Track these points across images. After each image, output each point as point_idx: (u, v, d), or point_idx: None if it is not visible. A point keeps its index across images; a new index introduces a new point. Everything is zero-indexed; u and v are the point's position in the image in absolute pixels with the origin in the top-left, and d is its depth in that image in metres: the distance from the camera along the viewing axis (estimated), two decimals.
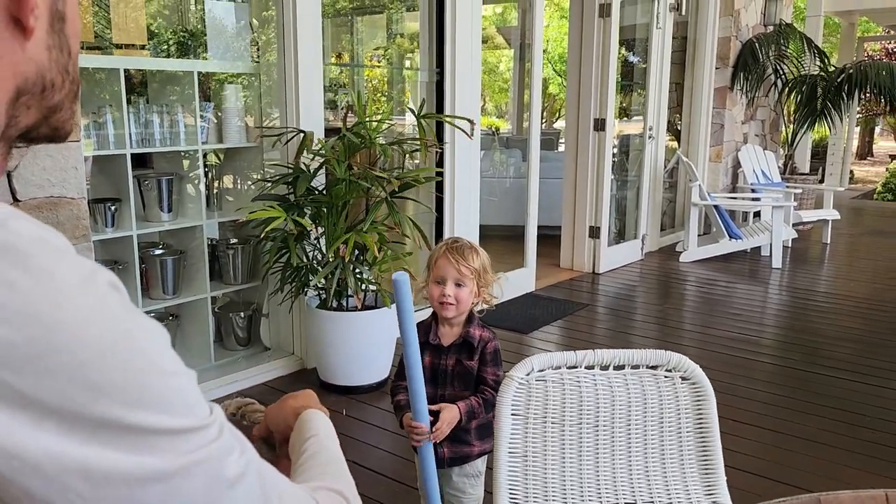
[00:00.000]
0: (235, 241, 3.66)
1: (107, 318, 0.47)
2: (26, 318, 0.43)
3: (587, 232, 5.68)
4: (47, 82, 0.59)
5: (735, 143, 7.27)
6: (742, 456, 2.79)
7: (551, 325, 4.43)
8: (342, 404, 3.23)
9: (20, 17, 0.54)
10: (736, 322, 4.53)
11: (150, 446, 0.46)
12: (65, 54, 0.60)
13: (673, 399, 1.30)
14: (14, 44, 0.55)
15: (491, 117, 15.19)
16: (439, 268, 1.76)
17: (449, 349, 1.79)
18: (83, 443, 0.44)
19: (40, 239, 0.47)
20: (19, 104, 0.57)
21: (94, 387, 0.44)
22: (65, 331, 0.44)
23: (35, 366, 0.43)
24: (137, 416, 0.46)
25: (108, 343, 0.46)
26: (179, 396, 0.49)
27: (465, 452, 1.79)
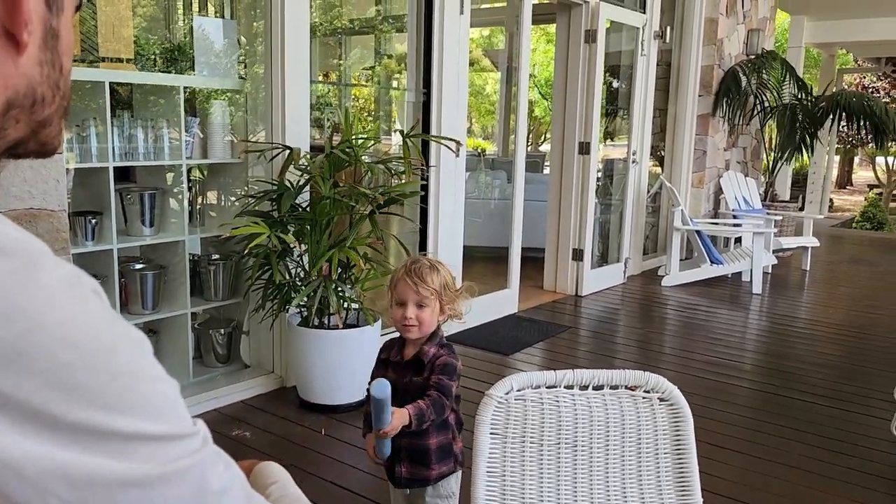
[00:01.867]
0: (217, 256, 3.64)
1: (90, 322, 0.47)
2: (11, 316, 0.43)
3: (570, 254, 5.70)
4: (38, 97, 0.59)
5: (717, 170, 7.36)
6: (720, 480, 2.79)
7: (534, 347, 4.43)
8: (321, 423, 3.20)
9: (14, 32, 0.55)
10: (716, 346, 4.56)
11: (131, 452, 0.46)
12: (56, 70, 0.60)
13: (651, 420, 1.31)
14: (6, 58, 0.56)
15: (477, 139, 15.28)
16: (399, 291, 1.77)
17: (406, 365, 1.81)
18: (63, 446, 0.44)
19: (24, 241, 0.47)
20: (8, 117, 0.58)
21: (75, 389, 0.44)
22: (49, 331, 0.44)
23: (17, 364, 0.43)
24: (118, 420, 0.45)
25: (91, 346, 0.46)
26: (161, 403, 0.49)
27: (423, 475, 1.78)
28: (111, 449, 0.45)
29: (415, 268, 1.77)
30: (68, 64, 0.62)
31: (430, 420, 1.70)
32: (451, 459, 1.79)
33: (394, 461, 1.81)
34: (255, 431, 3.13)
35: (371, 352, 3.41)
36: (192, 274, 3.53)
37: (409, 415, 1.68)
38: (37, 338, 0.43)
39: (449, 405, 1.70)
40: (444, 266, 1.83)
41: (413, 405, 1.71)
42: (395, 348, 1.86)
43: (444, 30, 4.12)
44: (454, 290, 1.81)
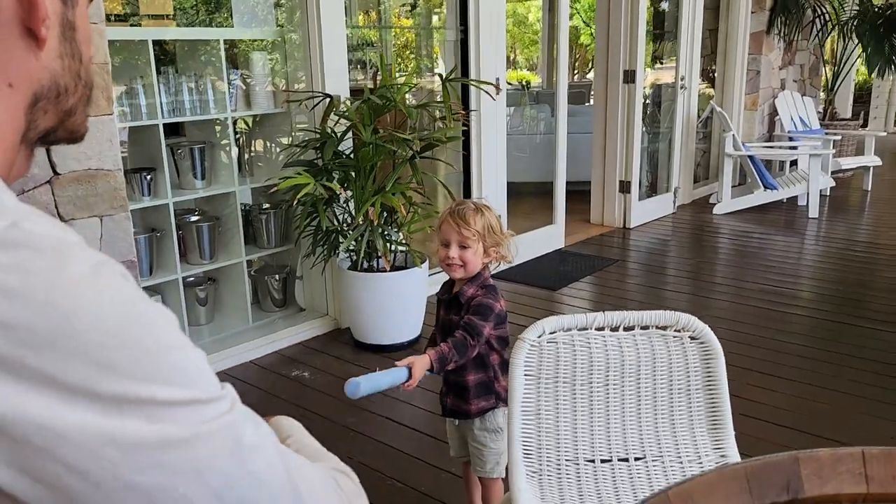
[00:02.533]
0: (268, 205, 3.74)
1: (117, 302, 0.51)
2: (45, 306, 0.48)
3: (617, 187, 5.64)
4: (61, 88, 0.63)
5: (772, 90, 7.09)
6: (771, 408, 2.81)
7: (581, 281, 4.46)
8: (375, 362, 3.32)
9: (32, 28, 0.59)
10: (770, 274, 4.50)
11: (166, 416, 0.51)
12: (76, 60, 0.64)
13: (682, 358, 1.34)
14: (29, 53, 0.59)
15: (521, 71, 14.97)
16: (443, 232, 1.84)
17: (449, 304, 1.88)
18: (106, 415, 0.49)
19: (52, 236, 0.52)
20: (37, 109, 0.62)
21: (109, 365, 0.49)
22: (80, 316, 0.49)
23: (55, 349, 0.48)
24: (150, 389, 0.51)
25: (119, 325, 0.51)
26: (189, 371, 0.54)
27: (463, 409, 1.86)
28: (147, 415, 0.50)
29: (459, 210, 1.83)
30: (88, 53, 0.66)
31: (453, 362, 1.74)
32: (491, 396, 1.86)
33: (442, 394, 1.93)
34: (313, 371, 3.28)
35: (419, 293, 3.52)
36: (245, 223, 3.64)
37: (430, 360, 1.73)
38: (70, 324, 0.49)
39: (474, 344, 1.73)
40: (489, 209, 1.88)
41: (435, 349, 1.76)
42: (444, 287, 1.95)
43: None
44: (499, 233, 1.86)
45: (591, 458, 1.33)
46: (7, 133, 0.60)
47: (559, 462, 1.33)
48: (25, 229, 0.51)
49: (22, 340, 0.48)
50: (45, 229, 0.52)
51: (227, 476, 0.54)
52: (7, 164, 0.62)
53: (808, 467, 0.60)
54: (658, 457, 1.32)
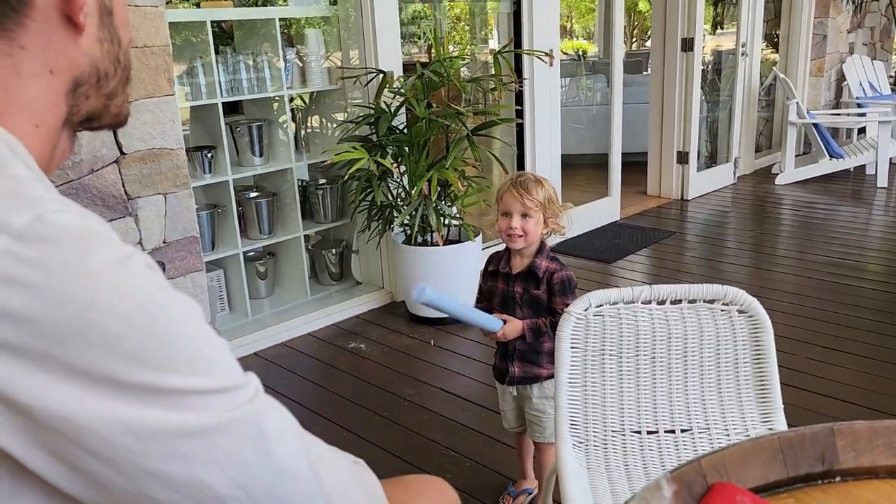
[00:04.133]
0: (324, 181, 3.82)
1: (139, 294, 0.52)
2: (64, 299, 0.49)
3: (675, 157, 5.53)
4: (101, 73, 0.65)
5: (839, 55, 6.81)
6: (833, 383, 2.76)
7: (637, 254, 4.41)
8: (429, 335, 3.38)
9: (71, 16, 0.61)
10: (836, 246, 4.37)
11: (187, 405, 0.52)
12: (115, 45, 0.66)
13: (730, 331, 1.34)
14: (68, 40, 0.62)
15: (578, 40, 14.70)
16: (505, 202, 1.86)
17: (517, 277, 1.90)
18: (127, 404, 0.50)
19: (76, 228, 0.52)
20: (78, 94, 0.64)
21: (129, 356, 0.50)
22: (99, 308, 0.50)
23: (76, 340, 0.49)
24: (171, 379, 0.51)
25: (140, 317, 0.51)
26: (210, 360, 0.54)
27: (534, 373, 1.90)
28: (168, 404, 0.51)
29: (521, 180, 1.86)
30: (126, 37, 0.68)
31: (544, 335, 1.83)
32: None
33: (507, 361, 1.95)
34: (370, 343, 3.36)
35: (473, 267, 3.54)
36: (302, 199, 3.73)
37: (523, 327, 1.82)
38: (90, 316, 0.50)
39: None
40: (548, 181, 1.92)
41: (531, 321, 1.84)
42: (502, 260, 1.96)
43: None
44: (557, 204, 1.90)
45: (638, 429, 1.35)
46: (49, 118, 0.62)
47: (605, 432, 1.36)
48: (49, 222, 0.51)
49: (45, 333, 0.49)
50: (70, 220, 0.53)
51: (249, 465, 0.54)
52: (49, 149, 0.64)
53: (843, 439, 0.60)
54: (704, 429, 1.33)
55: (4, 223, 0.50)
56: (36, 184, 0.56)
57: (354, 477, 0.65)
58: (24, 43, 0.59)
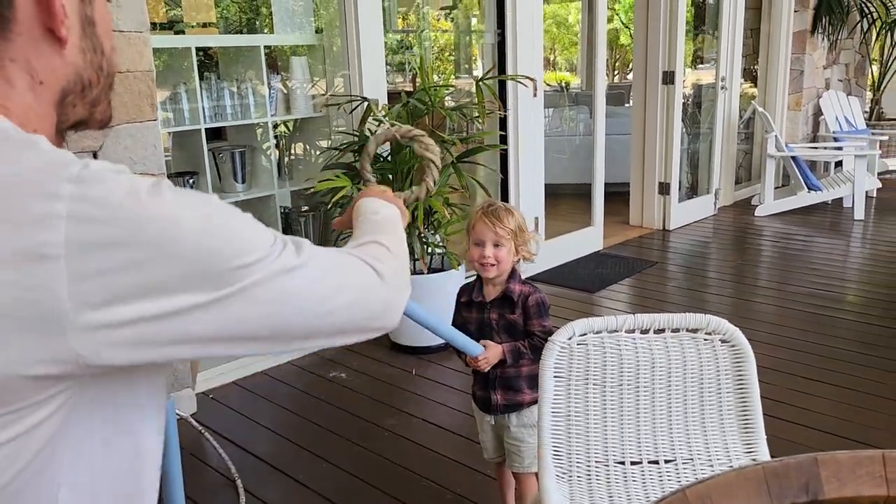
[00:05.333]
0: (307, 208, 3.80)
1: (190, 208, 0.61)
2: (143, 222, 0.58)
3: (657, 188, 5.59)
4: (85, 81, 0.69)
5: (816, 90, 6.95)
6: (814, 414, 2.77)
7: (619, 284, 4.43)
8: (412, 364, 3.35)
9: (53, 29, 0.64)
10: (815, 277, 4.41)
11: (244, 275, 0.62)
12: (98, 54, 0.70)
13: (713, 361, 1.33)
14: (53, 51, 0.65)
15: (561, 72, 14.91)
16: (477, 232, 1.87)
17: (491, 304, 1.91)
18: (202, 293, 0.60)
19: (112, 168, 0.60)
20: (66, 104, 0.68)
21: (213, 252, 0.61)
22: (170, 223, 0.59)
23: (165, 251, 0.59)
24: (241, 259, 0.62)
25: (202, 223, 0.61)
26: (251, 239, 0.64)
27: (517, 400, 1.89)
28: (243, 273, 0.62)
29: (492, 210, 1.87)
30: (108, 45, 0.72)
31: (526, 359, 1.84)
32: None
33: (488, 390, 1.94)
34: (351, 373, 3.32)
35: (456, 295, 3.53)
36: (284, 226, 3.71)
37: (503, 352, 1.82)
38: (169, 232, 0.59)
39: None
40: (517, 210, 1.94)
41: (510, 345, 1.84)
42: (474, 290, 1.97)
43: None
44: (527, 232, 1.92)
45: (621, 459, 1.33)
46: (44, 126, 0.67)
47: (589, 463, 1.34)
48: (94, 168, 0.59)
49: (141, 252, 0.57)
50: (104, 164, 0.61)
51: (294, 295, 0.65)
52: None
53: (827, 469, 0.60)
54: (688, 459, 1.32)
55: (65, 173, 0.58)
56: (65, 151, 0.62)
57: (360, 267, 0.75)
58: (13, 55, 0.64)
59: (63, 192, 0.56)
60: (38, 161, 0.59)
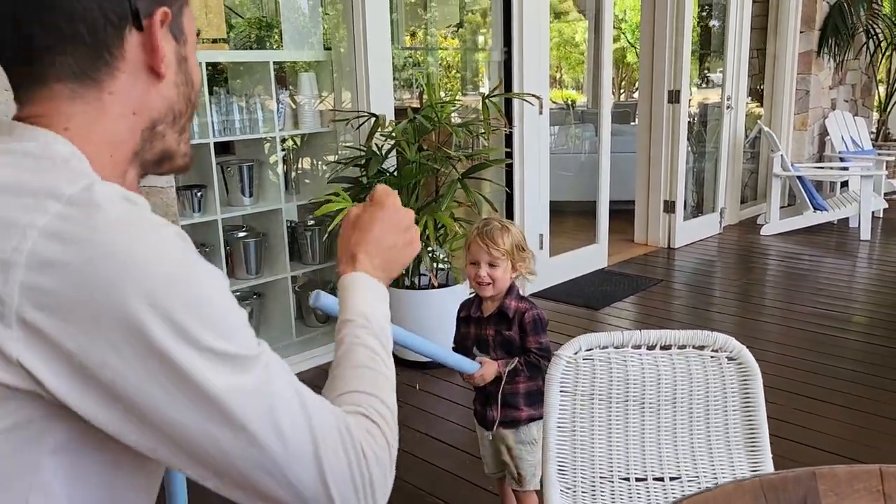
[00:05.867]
0: (313, 222, 3.82)
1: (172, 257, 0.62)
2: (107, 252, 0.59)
3: (662, 206, 5.59)
4: (176, 112, 0.77)
5: (822, 110, 6.96)
6: (821, 435, 2.75)
7: (624, 301, 4.42)
8: (415, 379, 3.35)
9: (154, 67, 0.72)
10: (821, 297, 4.40)
11: (211, 362, 0.61)
12: (188, 86, 0.78)
13: (719, 379, 1.33)
14: (150, 86, 0.74)
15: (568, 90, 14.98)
16: (472, 252, 1.88)
17: (488, 320, 1.91)
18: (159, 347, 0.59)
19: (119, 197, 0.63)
20: (155, 132, 0.76)
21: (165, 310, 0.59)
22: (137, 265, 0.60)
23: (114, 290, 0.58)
24: (206, 337, 0.61)
25: (174, 277, 0.61)
26: (234, 328, 0.64)
27: (513, 416, 1.89)
28: (201, 356, 0.61)
29: (486, 230, 1.86)
30: (197, 78, 0.79)
31: (522, 376, 1.84)
32: (541, 405, 1.88)
33: (486, 406, 1.93)
34: None
35: None
36: (291, 240, 3.72)
37: (499, 368, 1.83)
38: (129, 272, 0.59)
39: (546, 365, 1.79)
40: (514, 227, 1.93)
41: (505, 361, 1.84)
42: (472, 305, 1.98)
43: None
44: (525, 249, 1.91)
45: (626, 476, 1.33)
46: (124, 150, 0.73)
47: (594, 479, 1.34)
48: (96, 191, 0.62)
49: (85, 283, 0.58)
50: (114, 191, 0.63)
51: (254, 427, 0.62)
52: (118, 171, 0.73)
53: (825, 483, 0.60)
54: (693, 477, 1.31)
55: (57, 191, 0.62)
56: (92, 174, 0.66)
57: (340, 435, 0.69)
58: (113, 89, 0.72)
59: (51, 208, 0.60)
60: (50, 177, 0.64)
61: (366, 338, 0.82)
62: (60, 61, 0.70)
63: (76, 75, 0.71)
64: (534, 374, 1.84)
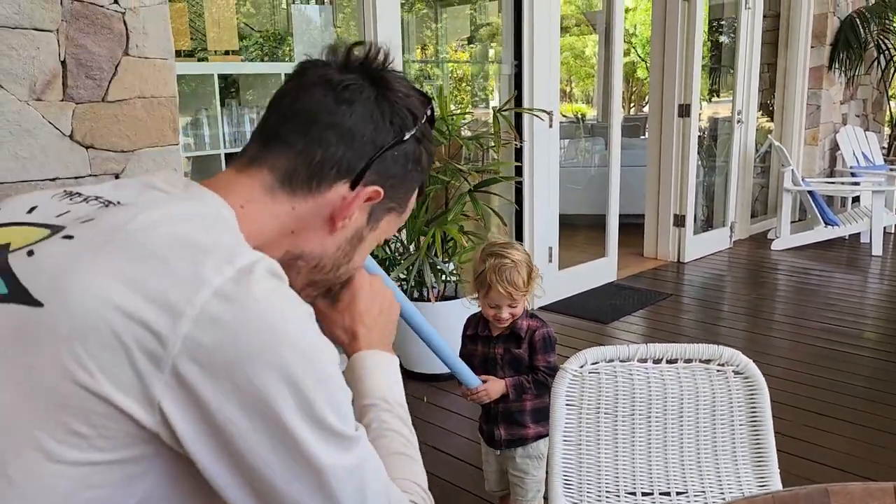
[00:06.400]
0: None
1: (317, 347, 0.67)
2: (241, 350, 0.63)
3: (672, 220, 5.58)
4: (321, 264, 0.82)
5: (833, 125, 6.94)
6: (829, 451, 2.73)
7: (633, 315, 4.41)
8: (423, 391, 3.34)
9: (335, 219, 0.79)
10: (832, 313, 4.37)
11: (325, 443, 0.65)
12: (345, 259, 0.84)
13: (725, 393, 1.33)
14: (322, 230, 0.80)
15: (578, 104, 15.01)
16: (492, 297, 1.81)
17: (497, 339, 1.89)
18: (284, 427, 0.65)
19: (264, 294, 0.66)
20: (295, 265, 0.80)
21: (296, 396, 0.64)
22: (282, 336, 0.64)
23: (246, 373, 0.63)
24: (329, 418, 0.66)
25: (316, 365, 0.66)
26: (347, 409, 0.69)
27: (520, 434, 1.87)
28: (317, 437, 0.66)
29: (505, 275, 1.77)
30: (357, 263, 0.86)
31: (529, 394, 1.82)
32: (547, 421, 1.87)
33: (492, 424, 1.92)
34: None
35: None
36: None
37: (507, 386, 1.80)
38: (256, 361, 0.64)
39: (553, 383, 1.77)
40: (520, 251, 1.85)
41: (513, 379, 1.82)
42: (479, 324, 1.96)
43: (533, 1, 4.10)
44: (534, 272, 1.86)
45: (633, 490, 1.32)
46: (263, 248, 0.75)
47: (599, 493, 1.33)
48: (245, 286, 0.64)
49: (228, 363, 0.62)
50: (261, 288, 0.65)
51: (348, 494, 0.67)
52: None
53: (838, 500, 0.60)
54: (700, 492, 1.31)
55: (234, 257, 0.66)
56: (240, 247, 0.69)
57: None
58: (297, 207, 0.78)
59: (226, 271, 0.64)
60: (227, 240, 0.69)
61: (392, 422, 0.89)
62: (285, 157, 0.77)
63: (285, 177, 0.77)
64: (541, 392, 1.82)
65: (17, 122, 2.17)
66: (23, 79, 2.34)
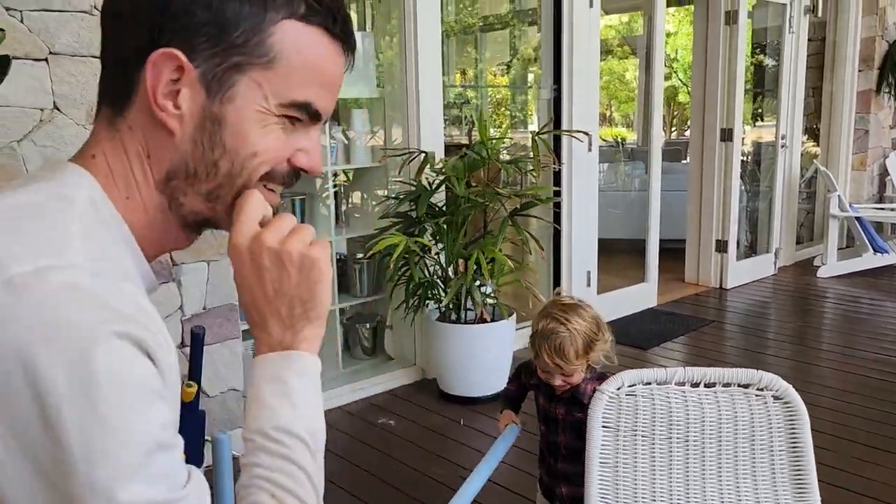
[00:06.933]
0: (361, 255, 3.88)
1: (99, 377, 0.53)
2: (6, 352, 0.53)
3: (714, 245, 5.50)
4: (190, 170, 0.67)
5: (882, 150, 6.79)
6: (878, 484, 2.64)
7: (673, 341, 4.34)
8: (460, 414, 3.34)
9: (154, 113, 0.65)
10: (883, 343, 4.25)
11: None
12: (215, 152, 0.67)
13: (765, 418, 1.31)
14: (165, 134, 0.66)
15: (618, 127, 14.96)
16: (542, 365, 1.67)
17: (560, 399, 1.74)
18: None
19: (66, 287, 0.56)
20: (171, 187, 0.68)
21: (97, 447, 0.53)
22: (37, 383, 0.52)
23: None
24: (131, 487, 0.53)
25: (92, 402, 0.53)
26: (164, 471, 0.56)
27: (582, 493, 1.69)
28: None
29: (554, 344, 1.60)
30: (243, 150, 0.67)
31: None
32: None
33: (553, 479, 1.82)
34: (399, 420, 3.32)
35: (506, 345, 3.52)
36: (340, 272, 3.78)
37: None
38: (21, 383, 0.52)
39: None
40: (583, 321, 1.63)
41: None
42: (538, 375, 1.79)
43: (573, 24, 4.13)
44: (600, 336, 1.63)
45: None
46: (142, 197, 0.67)
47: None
48: (44, 278, 0.55)
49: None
50: (64, 279, 0.55)
51: None
52: (147, 228, 0.68)
53: None
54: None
55: (3, 267, 0.54)
56: (75, 240, 0.58)
57: None
58: (132, 124, 0.66)
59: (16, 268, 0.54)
60: (21, 239, 0.58)
61: (271, 462, 0.69)
62: (103, 77, 0.67)
63: (106, 95, 0.67)
64: None
65: (74, 144, 2.26)
66: (80, 103, 2.44)
